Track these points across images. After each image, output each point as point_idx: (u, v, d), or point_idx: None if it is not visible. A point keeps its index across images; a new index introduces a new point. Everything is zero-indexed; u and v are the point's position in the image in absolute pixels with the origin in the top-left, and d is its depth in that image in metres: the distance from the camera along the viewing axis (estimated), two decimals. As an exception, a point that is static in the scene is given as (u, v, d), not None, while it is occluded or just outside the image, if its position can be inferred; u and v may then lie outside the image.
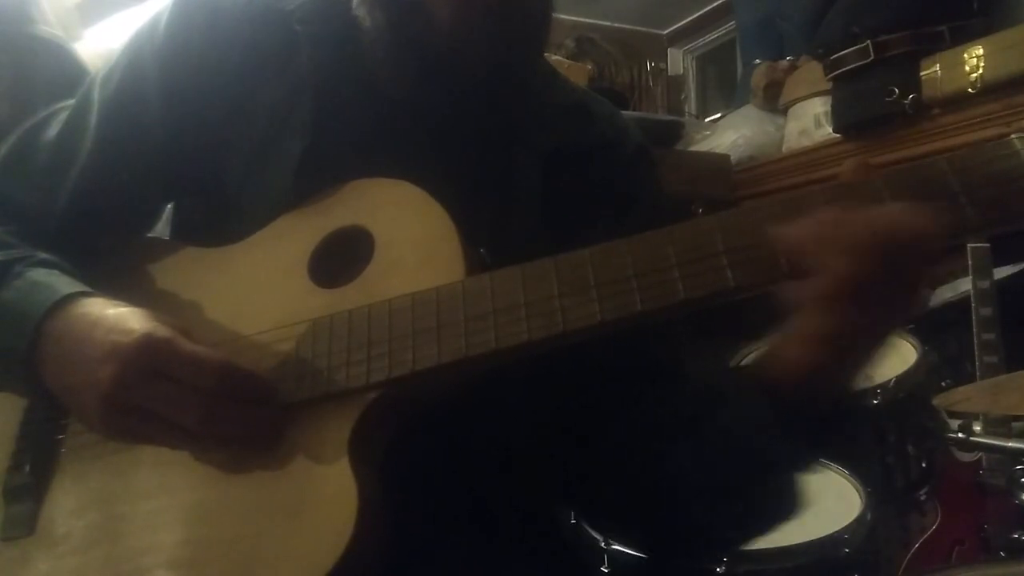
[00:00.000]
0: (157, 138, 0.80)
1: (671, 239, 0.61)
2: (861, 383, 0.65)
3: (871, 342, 0.61)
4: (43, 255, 0.76)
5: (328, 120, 0.77)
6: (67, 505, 0.72)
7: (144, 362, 0.63)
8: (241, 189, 0.79)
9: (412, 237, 0.70)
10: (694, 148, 2.60)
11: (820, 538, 1.27)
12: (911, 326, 1.62)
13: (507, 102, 0.84)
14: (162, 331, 0.64)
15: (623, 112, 1.00)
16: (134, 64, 0.82)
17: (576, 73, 2.81)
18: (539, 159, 0.82)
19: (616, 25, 3.51)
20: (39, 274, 0.73)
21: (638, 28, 3.66)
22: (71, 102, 0.87)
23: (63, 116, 0.86)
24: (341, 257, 0.73)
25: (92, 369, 0.64)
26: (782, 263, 0.58)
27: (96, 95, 0.83)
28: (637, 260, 0.61)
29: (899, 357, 1.61)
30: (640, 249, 0.62)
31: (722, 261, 0.59)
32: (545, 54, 0.92)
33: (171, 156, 0.81)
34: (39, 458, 0.74)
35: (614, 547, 1.31)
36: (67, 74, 1.56)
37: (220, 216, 0.80)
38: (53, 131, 0.85)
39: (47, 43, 1.65)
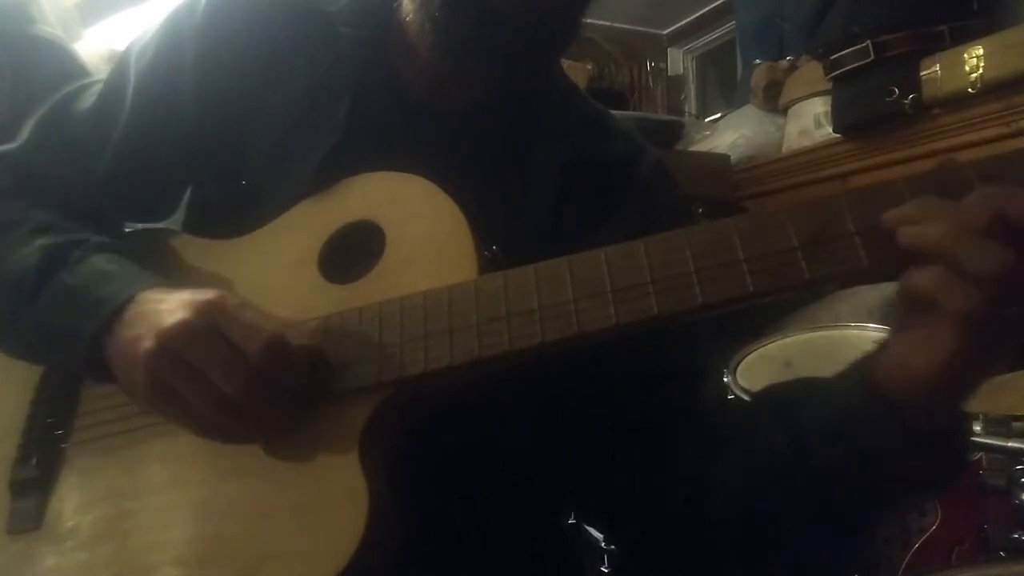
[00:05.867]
0: (188, 113, 0.81)
1: (689, 241, 0.60)
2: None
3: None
4: (97, 238, 0.76)
5: (358, 119, 0.78)
6: (74, 500, 0.71)
7: (211, 317, 0.61)
8: (260, 176, 0.78)
9: (424, 233, 0.69)
10: (694, 148, 2.60)
11: (820, 538, 1.27)
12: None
13: (528, 109, 0.84)
14: (236, 298, 0.64)
15: (623, 112, 1.00)
16: (171, 39, 0.83)
17: (576, 73, 2.80)
18: (556, 168, 0.82)
19: (616, 25, 3.50)
20: (102, 260, 0.73)
21: (638, 28, 3.66)
22: (98, 77, 0.87)
23: (96, 89, 0.86)
24: (352, 252, 0.72)
25: (160, 319, 0.62)
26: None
27: (132, 68, 0.83)
28: (654, 262, 0.60)
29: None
30: (657, 251, 0.60)
31: (741, 267, 0.57)
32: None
33: (200, 132, 0.81)
34: (46, 452, 0.74)
35: (614, 547, 1.31)
36: (67, 74, 1.56)
37: (235, 203, 0.80)
38: (88, 103, 0.85)
39: (47, 43, 1.65)
